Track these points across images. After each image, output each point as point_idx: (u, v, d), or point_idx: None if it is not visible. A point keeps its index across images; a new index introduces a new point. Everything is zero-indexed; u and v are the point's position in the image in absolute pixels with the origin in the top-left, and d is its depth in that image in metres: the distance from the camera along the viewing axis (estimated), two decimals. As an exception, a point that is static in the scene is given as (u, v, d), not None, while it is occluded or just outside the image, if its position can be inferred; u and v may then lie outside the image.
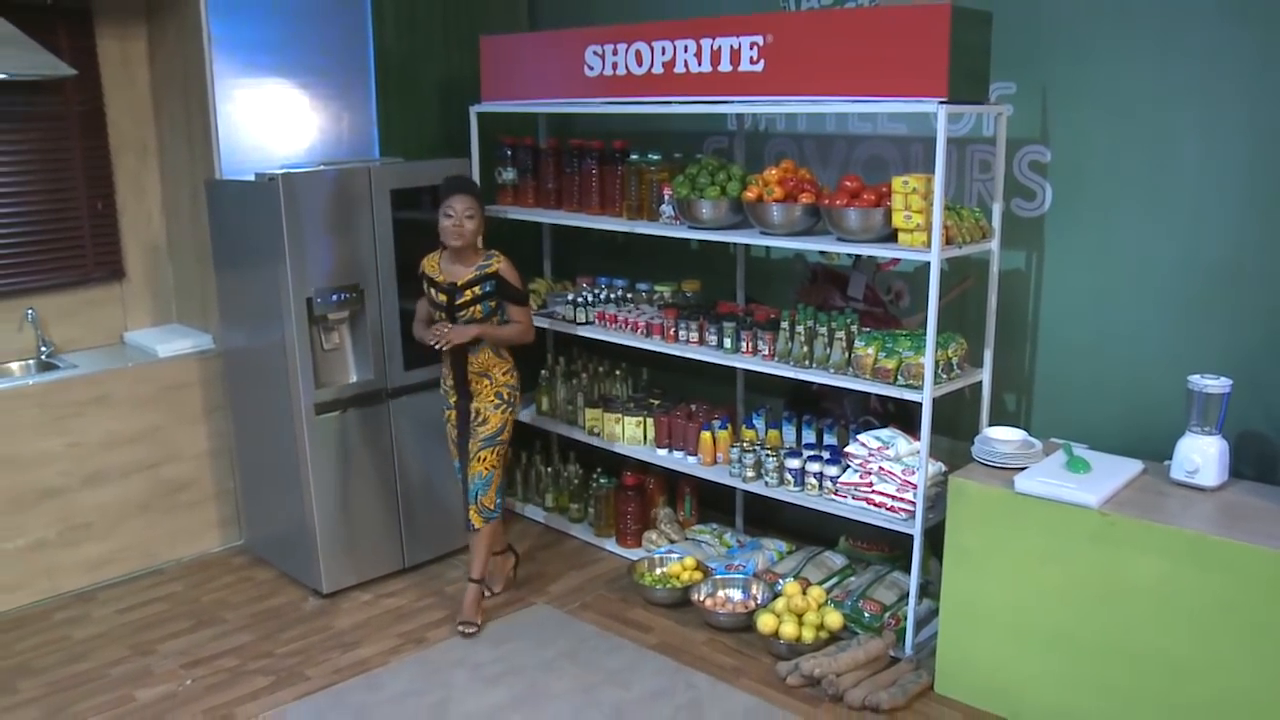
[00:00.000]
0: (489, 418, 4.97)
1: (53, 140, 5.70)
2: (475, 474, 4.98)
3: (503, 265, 4.90)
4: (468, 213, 4.80)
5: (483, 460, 4.97)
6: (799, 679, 4.52)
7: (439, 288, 4.89)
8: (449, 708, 4.41)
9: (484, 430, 4.97)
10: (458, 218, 4.79)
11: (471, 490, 5.00)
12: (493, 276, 4.87)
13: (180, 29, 5.59)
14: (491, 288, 4.87)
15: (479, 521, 5.01)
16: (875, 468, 4.63)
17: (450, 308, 4.86)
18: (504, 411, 4.99)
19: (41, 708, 4.55)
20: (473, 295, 4.83)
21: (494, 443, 4.98)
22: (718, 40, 4.85)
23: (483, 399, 4.97)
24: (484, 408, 4.97)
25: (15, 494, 5.33)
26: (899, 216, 4.34)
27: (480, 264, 4.88)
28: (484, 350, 4.92)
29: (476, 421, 4.98)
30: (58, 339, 5.82)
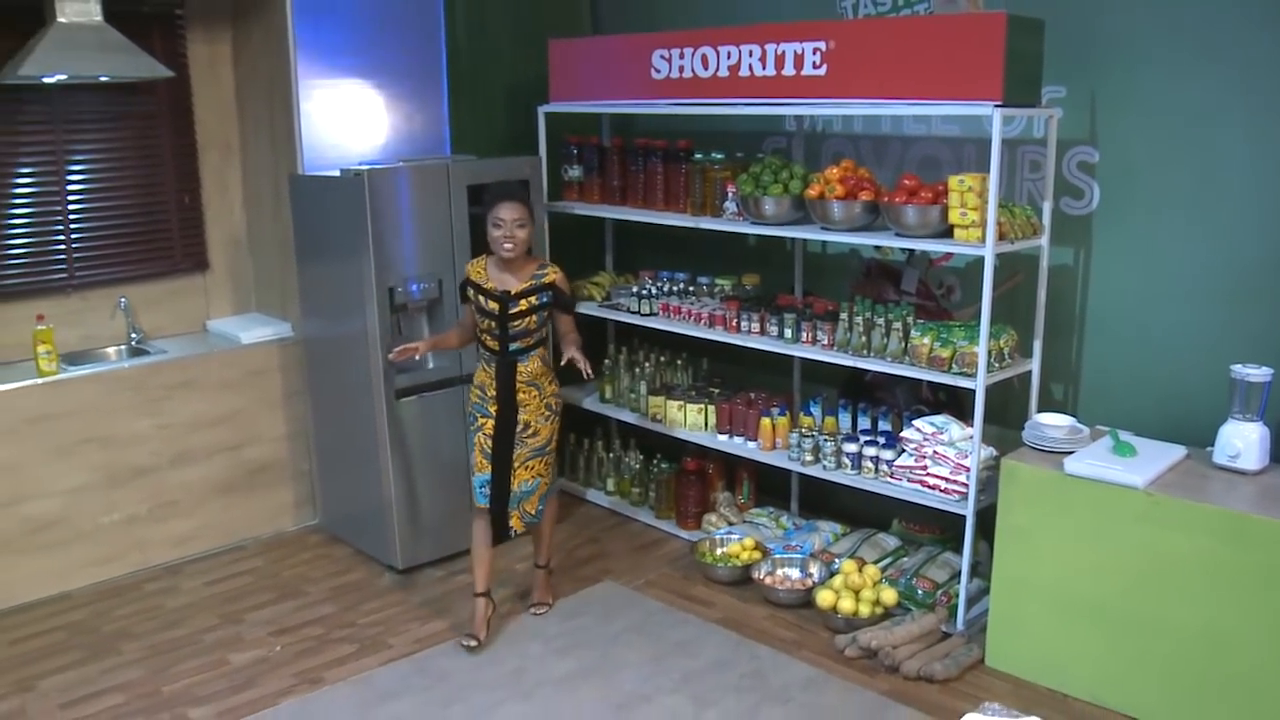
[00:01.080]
0: (539, 430, 4.90)
1: (145, 138, 6.02)
2: (521, 481, 4.89)
3: (559, 276, 4.86)
4: (518, 222, 4.71)
5: (530, 469, 4.91)
6: (856, 651, 4.77)
7: (490, 295, 4.79)
8: (526, 674, 4.69)
9: (534, 442, 4.90)
10: (508, 228, 4.70)
11: (514, 497, 4.90)
12: (549, 287, 4.82)
13: (266, 33, 5.88)
14: (548, 299, 4.82)
15: (520, 526, 4.98)
16: (930, 451, 4.87)
17: (503, 317, 4.77)
18: (552, 423, 4.94)
19: (144, 668, 4.87)
20: (528, 305, 4.77)
21: (542, 454, 4.93)
22: (782, 45, 5.10)
23: (532, 411, 4.88)
24: (534, 420, 4.89)
25: (111, 471, 5.64)
26: (955, 213, 4.59)
27: (536, 273, 4.82)
28: (534, 360, 4.86)
29: (526, 434, 4.88)
30: (146, 326, 6.12)
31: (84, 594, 5.59)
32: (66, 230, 5.81)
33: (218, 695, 4.63)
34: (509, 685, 4.62)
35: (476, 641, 4.88)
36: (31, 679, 4.80)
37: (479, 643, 4.89)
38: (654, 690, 4.56)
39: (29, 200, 5.69)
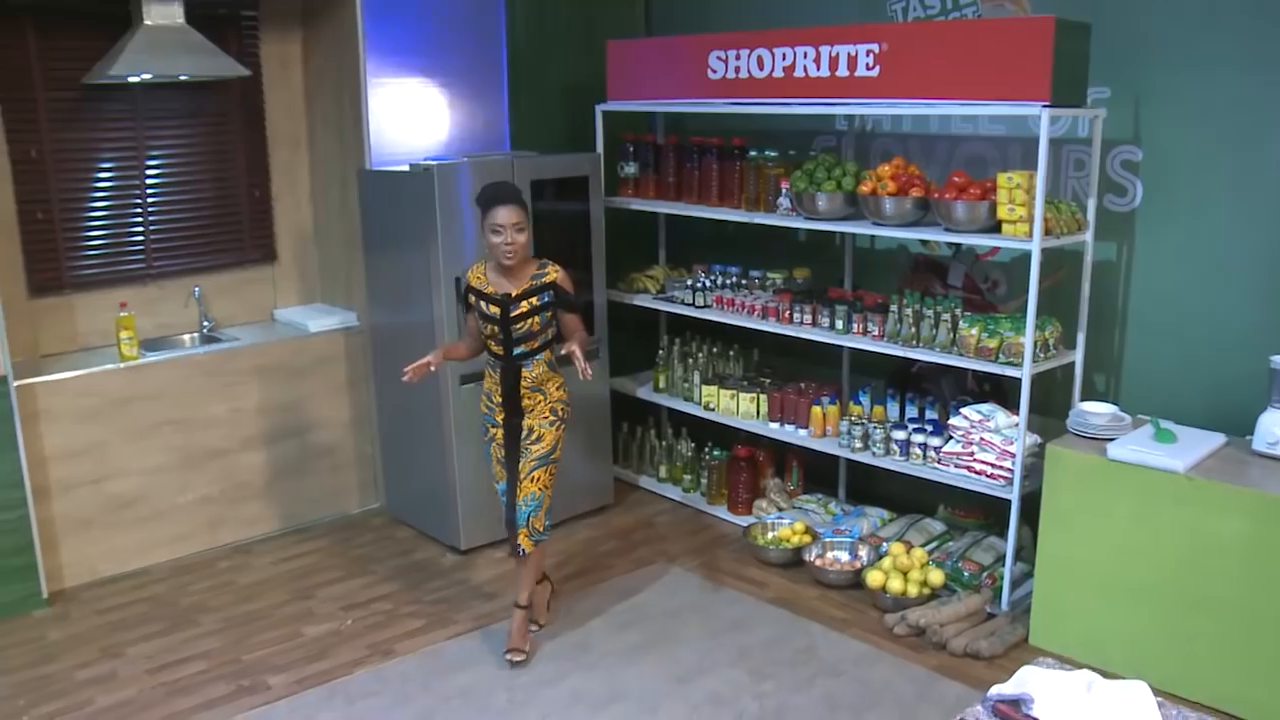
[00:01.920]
0: (543, 435, 4.78)
1: (218, 135, 6.27)
2: (527, 495, 4.76)
3: (560, 275, 4.73)
4: (518, 226, 4.57)
5: (535, 480, 4.77)
6: (905, 629, 4.97)
7: (490, 300, 4.67)
8: (589, 648, 4.92)
9: (538, 449, 4.76)
10: (507, 233, 4.56)
11: (522, 513, 4.77)
12: (550, 286, 4.69)
13: (336, 33, 6.12)
14: (550, 298, 4.69)
15: (529, 545, 4.80)
16: (977, 438, 5.07)
17: (505, 320, 4.66)
18: (558, 429, 4.81)
19: (223, 638, 5.12)
20: (530, 307, 4.66)
21: (547, 462, 4.79)
22: (836, 47, 5.30)
23: (536, 415, 4.77)
24: (538, 424, 4.77)
25: (187, 453, 5.89)
26: (1003, 209, 4.78)
27: (536, 273, 4.70)
28: (539, 364, 4.75)
29: (530, 439, 4.77)
30: (217, 315, 6.38)
31: (161, 570, 5.85)
32: (145, 222, 6.07)
33: (294, 664, 4.88)
34: (573, 657, 4.84)
35: (524, 655, 4.84)
36: (120, 646, 5.06)
37: (526, 656, 4.85)
38: (712, 663, 4.78)
39: (112, 194, 5.96)
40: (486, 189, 4.67)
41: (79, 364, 5.66)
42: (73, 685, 4.75)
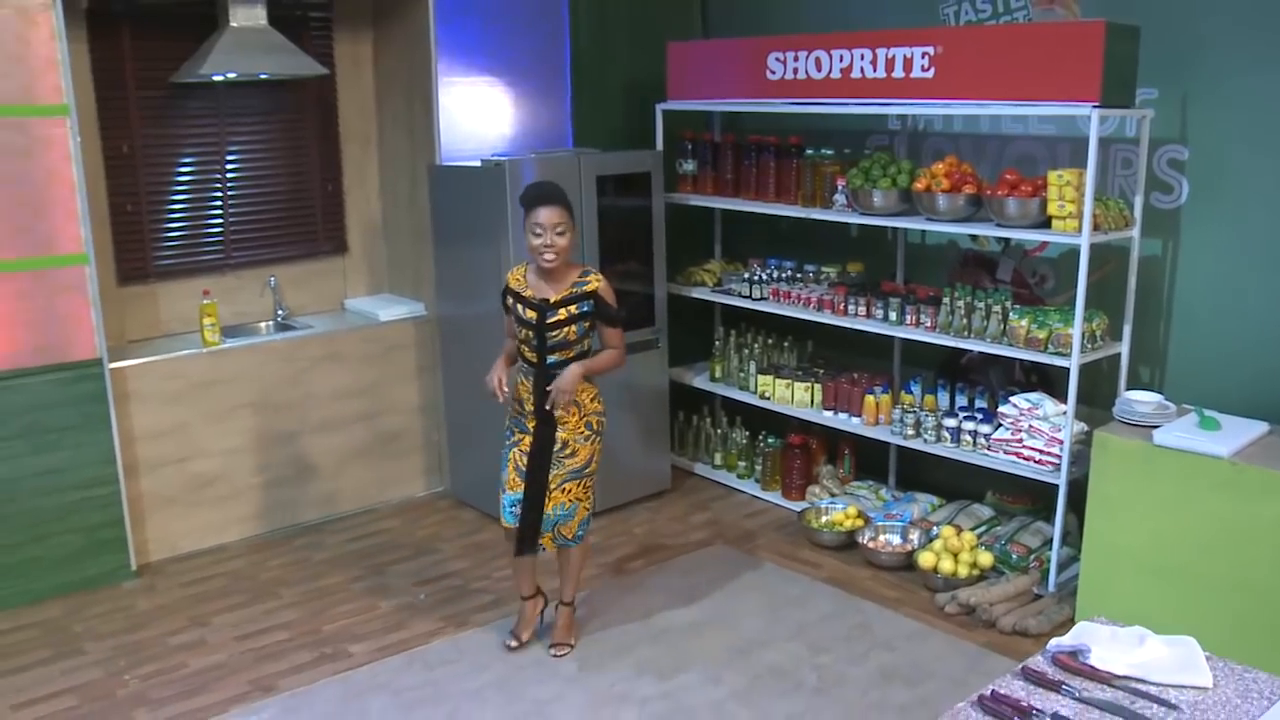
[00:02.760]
0: (578, 450, 4.65)
1: (294, 131, 6.55)
2: (556, 504, 4.66)
3: (601, 284, 4.57)
4: (559, 228, 4.44)
5: (567, 492, 4.66)
6: (956, 608, 5.19)
7: (528, 304, 4.55)
8: (654, 621, 5.15)
9: (571, 463, 4.65)
10: (547, 234, 4.43)
11: (549, 520, 4.67)
12: (590, 296, 4.54)
13: (407, 33, 6.38)
14: (589, 308, 4.53)
15: (552, 547, 4.77)
16: (1026, 426, 5.27)
17: (540, 326, 4.52)
18: (593, 443, 4.69)
19: (302, 610, 5.39)
20: (567, 315, 4.52)
21: (582, 475, 4.68)
22: (893, 50, 5.52)
23: (571, 429, 4.63)
24: (573, 439, 4.64)
25: (262, 435, 6.17)
26: (1053, 205, 4.99)
27: (577, 281, 4.56)
28: None
29: (564, 453, 4.64)
30: (291, 304, 6.65)
31: (238, 547, 6.12)
32: (225, 215, 6.36)
33: (373, 634, 5.14)
34: (639, 630, 5.08)
35: (519, 642, 4.90)
36: (206, 615, 5.34)
37: (521, 644, 4.90)
38: (771, 637, 5.01)
39: (194, 188, 6.26)
40: (530, 188, 4.56)
41: (163, 349, 5.95)
42: (166, 650, 5.02)
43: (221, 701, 4.61)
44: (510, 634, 4.94)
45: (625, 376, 6.20)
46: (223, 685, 4.73)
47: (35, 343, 5.33)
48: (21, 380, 5.31)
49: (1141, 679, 2.61)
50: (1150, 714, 2.48)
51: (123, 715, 4.52)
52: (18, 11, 5.02)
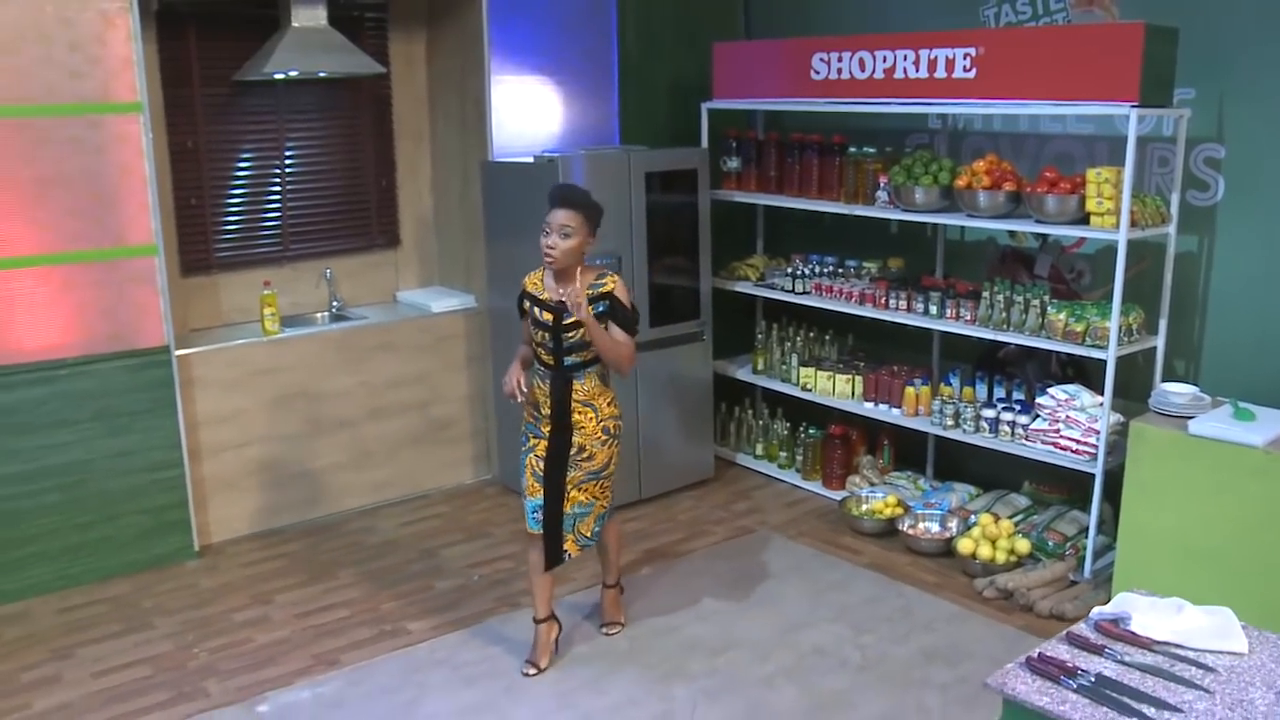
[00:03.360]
0: (595, 454, 4.63)
1: (349, 128, 6.77)
2: (574, 503, 4.64)
3: (617, 286, 4.54)
4: (565, 229, 4.39)
5: (585, 490, 4.66)
6: (994, 592, 5.35)
7: (544, 306, 4.54)
8: (702, 602, 5.33)
9: (590, 465, 4.64)
10: (552, 235, 4.42)
11: (568, 519, 4.65)
12: (606, 297, 4.51)
13: (460, 33, 6.58)
14: (604, 309, 4.50)
15: (575, 550, 4.72)
16: (1063, 416, 5.43)
17: (556, 328, 4.51)
18: (610, 446, 4.67)
19: (360, 590, 5.59)
20: None
21: (599, 477, 4.68)
22: (935, 51, 5.68)
23: (587, 434, 4.61)
24: (589, 444, 4.62)
25: (318, 422, 6.37)
26: (1092, 202, 5.14)
27: (593, 283, 4.53)
28: (590, 376, 4.61)
29: (580, 457, 4.62)
30: (345, 295, 6.85)
31: (294, 530, 6.33)
32: (283, 208, 6.57)
33: (430, 613, 5.33)
34: (687, 610, 5.26)
35: (537, 670, 4.76)
36: (268, 594, 5.55)
37: (539, 670, 4.76)
38: (815, 618, 5.18)
39: (254, 182, 6.49)
40: (554, 188, 4.56)
41: (223, 338, 6.18)
42: (231, 625, 5.23)
43: (287, 674, 4.81)
44: (527, 662, 4.80)
45: (671, 368, 6.43)
46: (287, 659, 4.94)
47: (107, 330, 5.54)
48: (95, 366, 5.53)
49: (1180, 645, 2.77)
50: (1188, 676, 2.64)
51: (194, 685, 4.73)
52: (99, 14, 5.24)
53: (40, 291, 5.36)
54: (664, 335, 6.45)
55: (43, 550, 5.55)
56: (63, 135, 5.28)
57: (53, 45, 5.18)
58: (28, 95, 5.17)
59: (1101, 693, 2.53)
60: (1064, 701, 2.53)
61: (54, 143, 5.27)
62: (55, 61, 5.20)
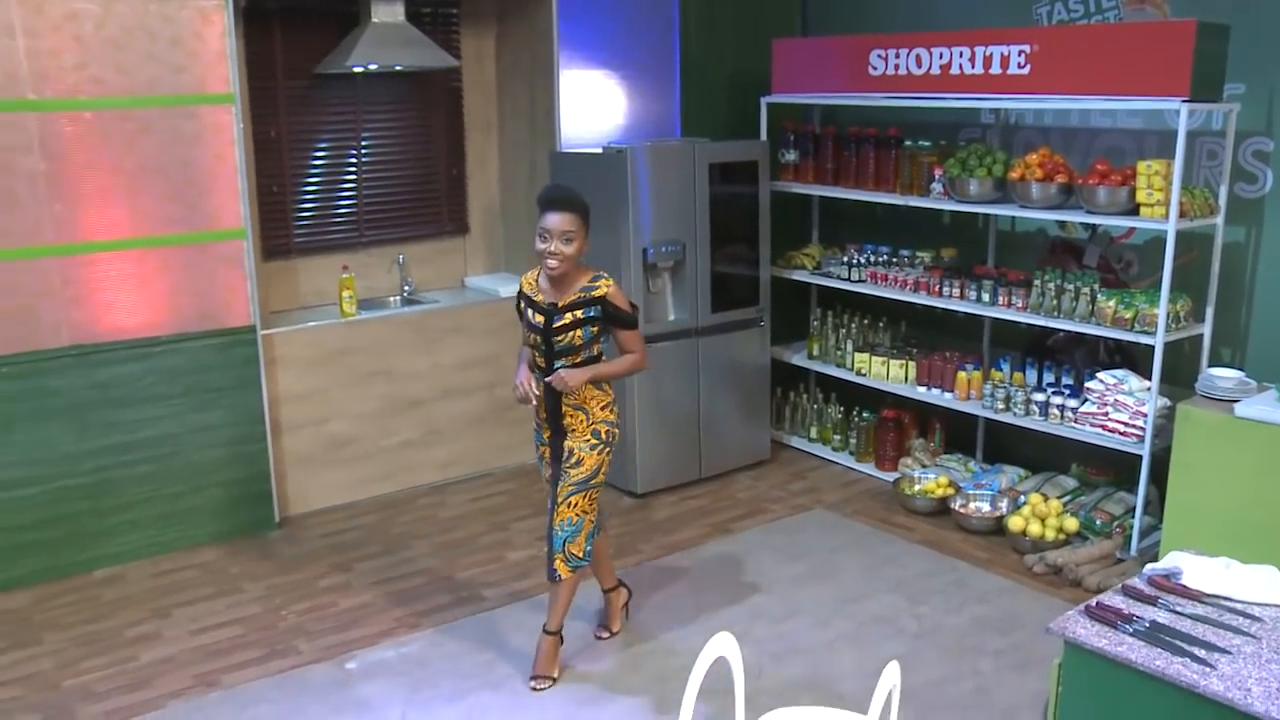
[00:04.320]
0: (583, 459, 4.49)
1: (422, 119, 7.05)
2: (562, 520, 4.51)
3: (610, 289, 4.44)
4: (567, 235, 4.27)
5: (572, 506, 4.50)
6: (1043, 568, 5.57)
7: (536, 308, 4.46)
8: (764, 573, 5.59)
9: (576, 473, 4.49)
10: (553, 242, 4.28)
11: (557, 538, 4.53)
12: (598, 301, 4.40)
13: (531, 29, 6.85)
14: (596, 313, 4.40)
15: (565, 571, 4.55)
16: (1111, 400, 5.64)
17: (547, 331, 4.41)
18: (600, 452, 4.52)
19: (435, 559, 5.87)
20: (573, 319, 4.39)
21: (585, 487, 4.51)
22: (990, 48, 5.90)
23: (577, 437, 4.51)
24: (578, 447, 4.50)
25: (392, 401, 6.65)
26: (1142, 193, 5.36)
27: (585, 285, 4.43)
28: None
29: (569, 462, 4.50)
30: (416, 280, 7.14)
31: (368, 504, 6.62)
32: (359, 196, 6.86)
33: (503, 581, 5.60)
34: (750, 582, 5.51)
35: (550, 682, 4.67)
36: (347, 563, 5.84)
37: (553, 681, 4.67)
38: (872, 590, 5.42)
39: (331, 171, 6.79)
40: (546, 190, 4.46)
41: (301, 319, 6.47)
42: (315, 591, 5.52)
43: (371, 635, 5.09)
44: (534, 677, 4.69)
45: (730, 353, 6.68)
46: (371, 621, 5.22)
47: (198, 310, 5.84)
48: (186, 344, 5.83)
49: (1229, 597, 3.00)
50: (1236, 624, 2.87)
51: (286, 644, 5.02)
52: (197, 12, 5.55)
53: (138, 273, 5.67)
54: (724, 321, 6.70)
55: (137, 518, 5.85)
56: (163, 125, 5.59)
57: (156, 41, 5.48)
58: (133, 88, 5.47)
59: (1155, 636, 2.77)
60: (1120, 644, 2.77)
61: (154, 132, 5.57)
62: (158, 56, 5.50)
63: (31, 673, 4.83)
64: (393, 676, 4.73)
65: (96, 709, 4.54)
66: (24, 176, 5.29)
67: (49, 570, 5.65)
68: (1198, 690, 2.61)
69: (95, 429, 5.68)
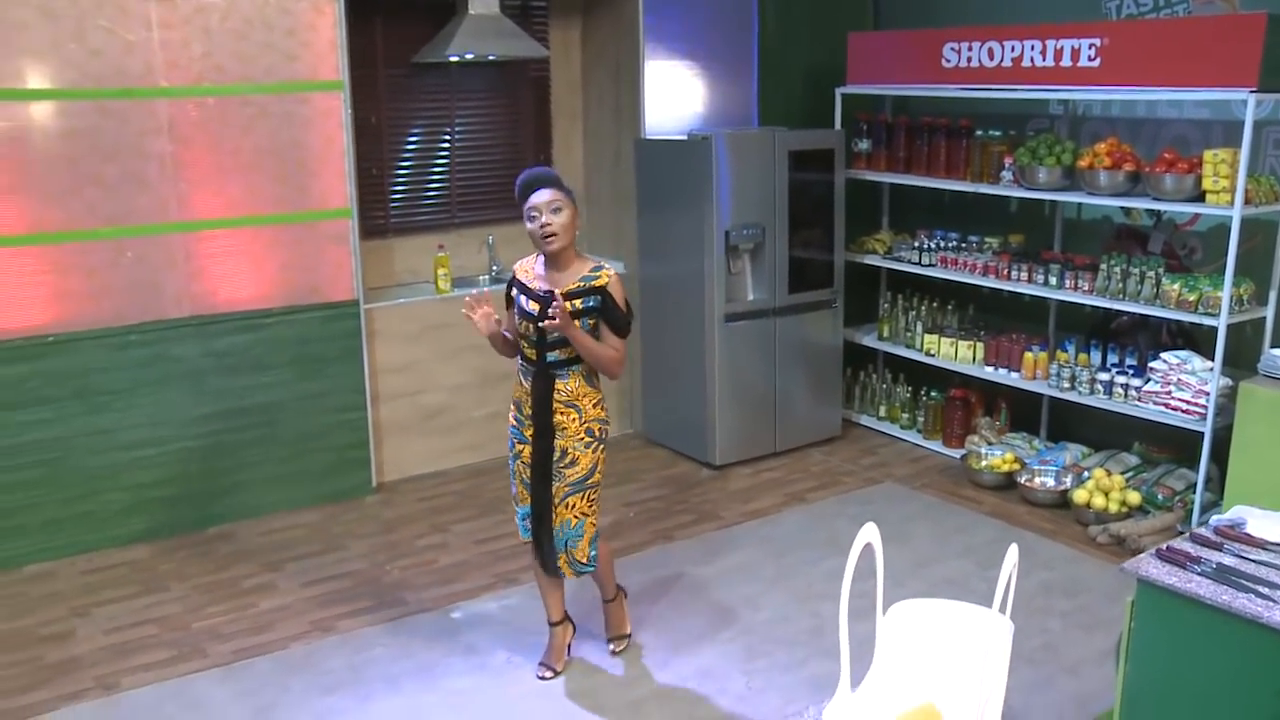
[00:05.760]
0: (578, 458, 4.34)
1: (511, 107, 7.40)
2: (563, 522, 4.38)
3: (612, 280, 4.25)
4: (554, 204, 4.12)
5: (571, 507, 4.38)
6: (1107, 538, 5.84)
7: (531, 295, 4.27)
8: (838, 539, 5.89)
9: (572, 473, 4.35)
10: (543, 214, 4.11)
11: (560, 539, 4.41)
12: (599, 291, 4.22)
13: (616, 21, 7.17)
14: (595, 303, 4.22)
15: (570, 573, 4.50)
16: (1175, 379, 5.90)
17: (542, 318, 4.17)
18: (595, 450, 4.38)
19: (529, 524, 6.20)
20: (571, 309, 4.18)
21: (583, 487, 4.38)
22: (1061, 41, 6.17)
23: (570, 436, 4.32)
24: (572, 446, 4.33)
25: (482, 374, 7.00)
26: (1208, 181, 5.61)
27: (586, 274, 4.25)
28: (575, 375, 4.29)
29: (563, 463, 4.34)
30: (504, 260, 7.47)
31: (458, 472, 6.98)
32: (451, 179, 7.22)
33: (592, 543, 5.93)
34: (825, 545, 5.82)
35: (553, 673, 4.67)
36: (444, 524, 6.20)
37: (555, 673, 4.67)
38: (942, 555, 5.72)
39: (425, 155, 7.16)
40: (526, 175, 4.25)
41: (398, 295, 6.84)
42: (415, 549, 5.89)
43: (473, 589, 5.45)
44: (541, 665, 4.71)
45: (804, 333, 7.00)
46: (471, 576, 5.58)
47: (306, 284, 6.22)
48: (294, 316, 6.21)
49: (1290, 545, 3.28)
50: (1297, 569, 3.15)
51: (393, 596, 5.38)
52: (311, 3, 5.92)
53: (252, 249, 6.05)
54: (800, 301, 7.01)
55: (246, 480, 6.24)
56: (277, 110, 5.96)
57: (273, 31, 5.86)
58: (252, 75, 5.85)
59: (1222, 575, 3.06)
60: (1189, 581, 3.06)
61: (270, 117, 5.95)
62: (275, 45, 5.88)
63: (163, 615, 5.22)
64: (496, 626, 5.09)
65: (224, 648, 4.92)
66: (154, 158, 5.68)
67: (168, 526, 6.05)
68: (1262, 621, 2.89)
69: (210, 395, 6.07)
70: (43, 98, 5.42)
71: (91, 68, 5.49)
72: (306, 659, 4.83)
